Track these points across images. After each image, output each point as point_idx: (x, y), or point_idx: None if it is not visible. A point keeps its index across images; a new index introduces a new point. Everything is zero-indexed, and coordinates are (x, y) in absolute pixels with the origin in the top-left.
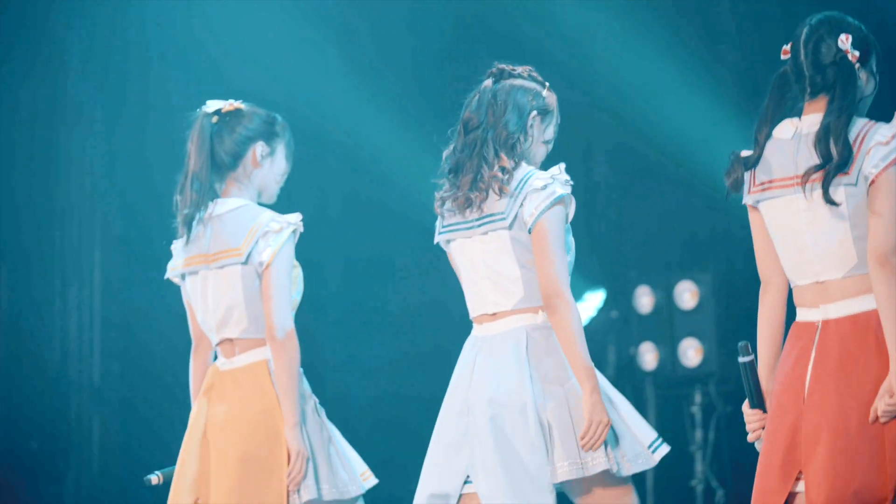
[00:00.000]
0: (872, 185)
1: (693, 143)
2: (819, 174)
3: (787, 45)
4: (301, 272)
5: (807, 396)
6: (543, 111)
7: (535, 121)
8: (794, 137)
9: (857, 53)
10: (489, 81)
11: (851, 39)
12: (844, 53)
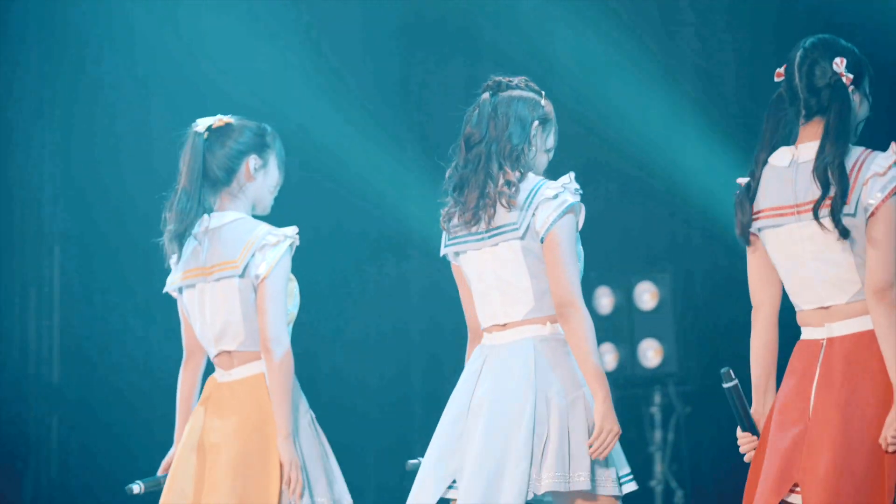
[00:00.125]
0: (872, 217)
1: (653, 146)
2: (820, 204)
3: (781, 69)
4: (297, 285)
5: (812, 412)
6: (544, 120)
7: (538, 131)
8: (792, 165)
9: (851, 76)
10: (486, 95)
11: (846, 62)
12: (839, 76)
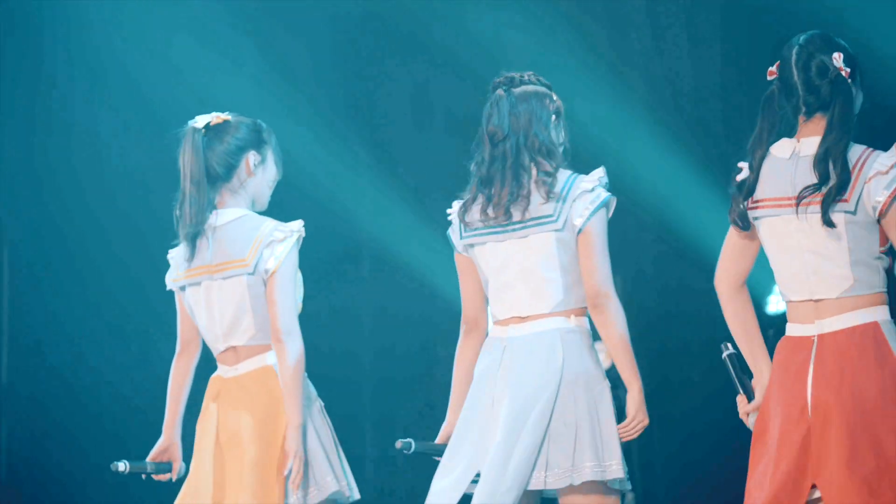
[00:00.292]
0: (884, 218)
1: (604, 145)
2: (817, 196)
3: (773, 67)
4: (301, 277)
5: (811, 411)
6: (558, 113)
7: (556, 124)
8: (792, 157)
9: (849, 70)
10: (501, 91)
11: (843, 57)
12: (839, 71)
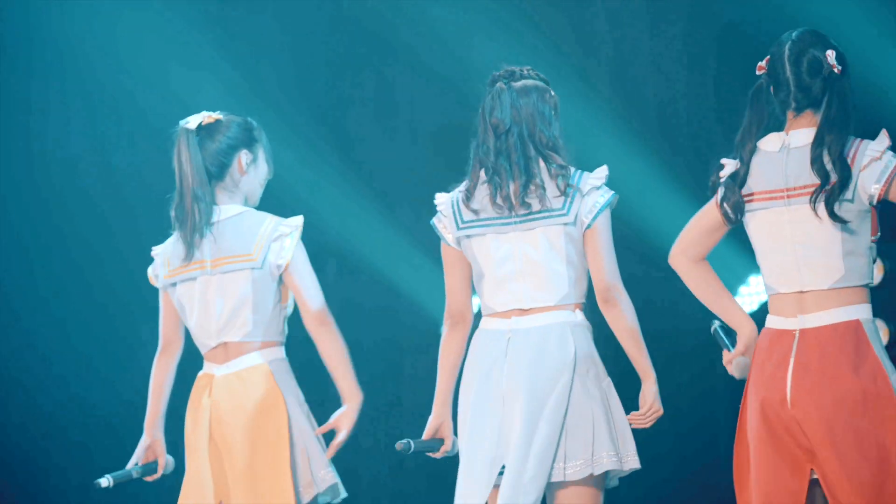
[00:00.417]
0: (881, 202)
1: (567, 146)
2: (808, 187)
3: (763, 62)
4: None
5: (790, 403)
6: (556, 108)
7: (555, 119)
8: (782, 150)
9: (841, 69)
10: (501, 84)
11: (835, 54)
12: (832, 68)
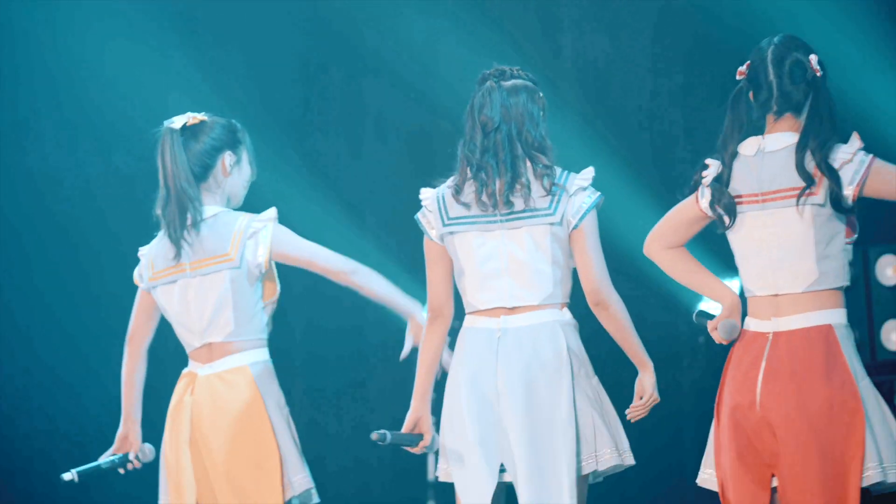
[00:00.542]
0: (857, 202)
1: None
2: (784, 191)
3: (743, 67)
4: (276, 272)
5: (759, 406)
6: (544, 109)
7: (543, 120)
8: (758, 154)
9: (822, 74)
10: (491, 83)
11: (817, 59)
12: (814, 73)
